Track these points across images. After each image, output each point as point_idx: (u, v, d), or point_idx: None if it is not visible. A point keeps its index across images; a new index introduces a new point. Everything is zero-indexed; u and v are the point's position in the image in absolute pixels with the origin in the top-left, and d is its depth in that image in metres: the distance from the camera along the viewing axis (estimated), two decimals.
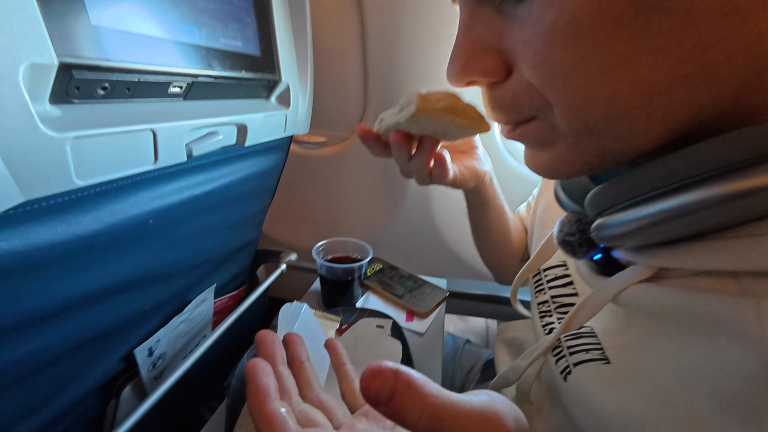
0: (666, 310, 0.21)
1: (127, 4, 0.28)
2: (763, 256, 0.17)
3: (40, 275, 0.29)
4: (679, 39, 0.15)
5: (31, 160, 0.22)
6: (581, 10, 0.16)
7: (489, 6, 0.21)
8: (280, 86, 0.52)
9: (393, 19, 0.66)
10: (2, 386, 0.30)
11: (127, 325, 0.43)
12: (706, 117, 0.18)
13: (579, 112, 0.19)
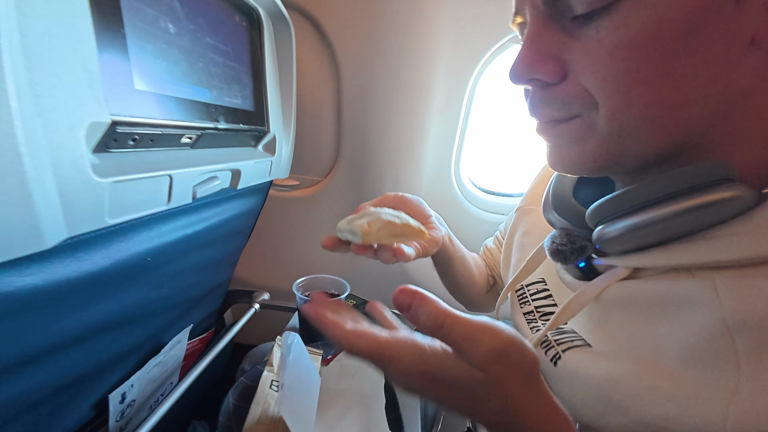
0: (639, 301, 0.29)
1: (160, 72, 0.34)
2: (711, 253, 0.25)
3: (45, 311, 0.30)
4: (695, 72, 0.23)
5: (78, 202, 0.25)
6: (640, 36, 0.23)
7: (555, 24, 0.26)
8: (268, 136, 0.58)
9: (365, 81, 0.76)
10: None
11: (103, 367, 0.42)
12: (687, 140, 0.26)
13: (619, 113, 0.25)
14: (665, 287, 0.27)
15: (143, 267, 0.39)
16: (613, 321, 0.31)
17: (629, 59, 0.23)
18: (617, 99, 0.25)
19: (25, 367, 0.30)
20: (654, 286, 0.28)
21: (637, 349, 0.28)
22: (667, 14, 0.22)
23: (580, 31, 0.25)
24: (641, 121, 0.25)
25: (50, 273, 0.28)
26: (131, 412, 0.50)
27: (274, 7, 0.53)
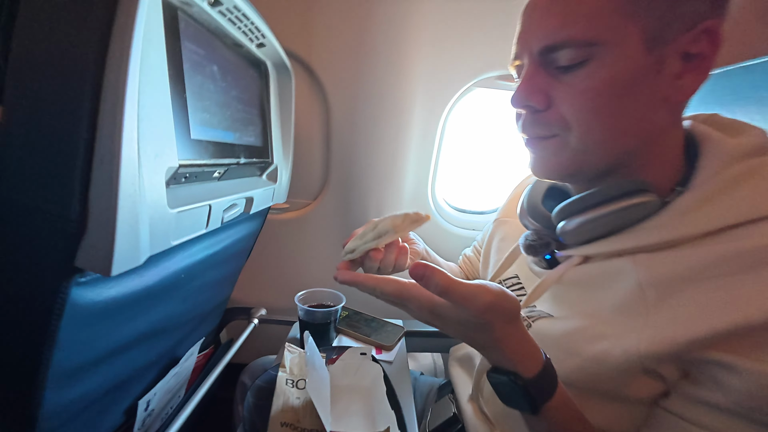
0: (588, 278, 0.40)
1: (205, 122, 0.42)
2: (632, 241, 0.36)
3: (112, 320, 0.36)
4: (640, 114, 0.35)
5: (158, 228, 0.33)
6: (600, 85, 0.34)
7: (544, 69, 0.37)
8: (272, 167, 0.67)
9: (351, 116, 0.87)
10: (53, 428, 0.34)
11: (136, 375, 0.47)
12: (623, 159, 0.38)
13: (585, 135, 0.36)
14: (605, 266, 0.39)
15: (177, 283, 0.46)
16: (570, 295, 0.43)
17: (593, 99, 0.35)
18: (585, 125, 0.36)
19: (90, 369, 0.36)
20: (598, 267, 0.40)
21: (586, 310, 0.40)
22: (617, 74, 0.34)
23: (562, 76, 0.36)
24: (599, 142, 0.37)
25: (122, 287, 0.35)
26: (150, 421, 0.54)
27: (279, 59, 0.63)
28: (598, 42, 0.33)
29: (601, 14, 0.33)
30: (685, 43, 0.33)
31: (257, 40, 0.53)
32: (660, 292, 0.34)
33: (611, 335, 0.35)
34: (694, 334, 0.30)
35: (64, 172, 0.25)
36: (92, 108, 0.25)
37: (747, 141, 0.36)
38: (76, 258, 0.27)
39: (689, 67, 0.34)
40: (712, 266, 0.32)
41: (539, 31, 0.36)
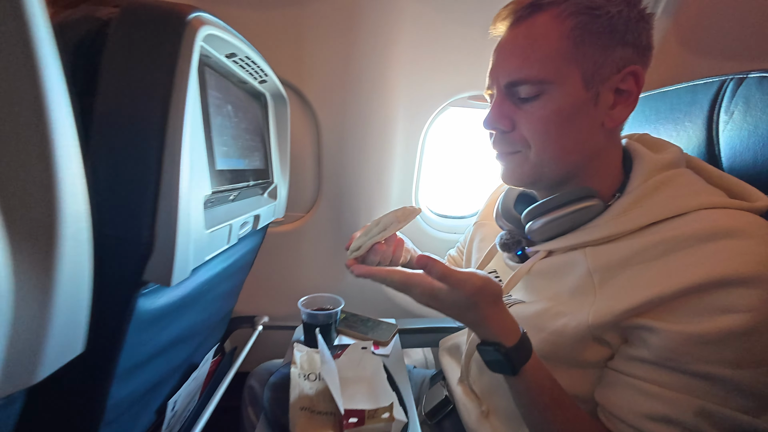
0: (552, 269, 0.49)
1: (225, 154, 0.49)
2: (583, 237, 0.45)
3: (158, 325, 0.42)
4: (583, 136, 0.44)
5: (198, 247, 0.40)
6: (550, 113, 0.43)
7: (509, 99, 0.46)
8: (272, 186, 0.74)
9: (340, 134, 0.95)
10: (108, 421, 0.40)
11: (166, 377, 0.52)
12: (573, 171, 0.47)
13: (541, 152, 0.45)
14: (564, 258, 0.48)
15: (200, 294, 0.52)
16: (537, 283, 0.52)
17: (546, 123, 0.44)
18: (541, 144, 0.46)
19: (138, 369, 0.42)
20: (559, 259, 0.49)
21: (549, 294, 0.49)
22: (563, 106, 0.43)
23: (523, 105, 0.46)
24: (552, 158, 0.46)
25: (167, 298, 0.41)
26: (173, 422, 0.59)
27: (276, 90, 0.70)
28: (548, 81, 0.43)
29: (550, 60, 0.42)
30: (616, 81, 0.43)
31: (260, 77, 0.61)
32: (603, 275, 0.43)
33: (569, 312, 0.44)
34: (626, 305, 0.39)
35: (139, 208, 0.32)
36: (158, 155, 0.32)
37: (665, 157, 0.46)
38: (144, 273, 0.33)
39: (620, 100, 0.44)
40: (639, 254, 0.41)
41: (504, 69, 0.46)
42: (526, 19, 0.44)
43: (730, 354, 0.34)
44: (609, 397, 0.42)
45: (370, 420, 0.46)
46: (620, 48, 0.42)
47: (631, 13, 0.42)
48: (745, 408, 0.34)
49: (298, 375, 0.58)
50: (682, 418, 0.35)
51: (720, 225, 0.37)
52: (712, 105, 0.54)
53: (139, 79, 0.32)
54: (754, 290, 0.33)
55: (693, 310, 0.35)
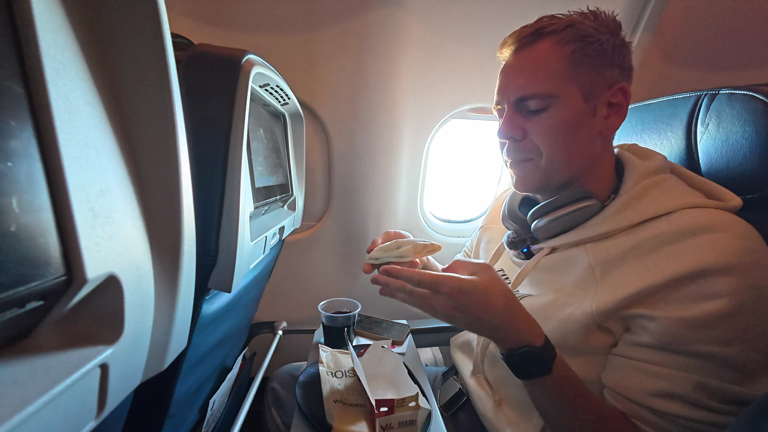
0: (556, 264, 0.54)
1: (260, 173, 0.54)
2: (584, 234, 0.51)
3: (209, 327, 0.47)
4: (585, 143, 0.51)
5: (247, 257, 0.45)
6: (556, 123, 0.49)
7: (519, 111, 0.52)
8: (291, 198, 0.79)
9: (349, 147, 1.01)
10: (171, 414, 0.45)
11: (208, 377, 0.57)
12: (577, 174, 0.53)
13: (551, 158, 0.51)
14: (567, 254, 0.54)
15: (238, 300, 0.57)
16: (543, 277, 0.57)
17: (554, 132, 0.50)
18: (551, 151, 0.51)
19: (193, 368, 0.47)
20: (562, 255, 0.55)
21: (555, 287, 0.54)
22: (568, 117, 0.50)
23: (532, 117, 0.52)
24: (560, 163, 0.52)
25: (219, 303, 0.46)
26: (212, 422, 0.64)
27: (295, 110, 0.76)
28: (554, 95, 0.49)
29: (554, 78, 0.49)
30: (608, 96, 0.50)
31: (283, 101, 0.67)
32: (603, 268, 0.49)
33: (574, 302, 0.50)
34: (624, 294, 0.45)
35: (208, 225, 0.37)
36: (222, 179, 0.38)
37: (652, 164, 0.52)
38: (209, 281, 0.39)
39: (612, 112, 0.51)
40: (633, 249, 0.47)
41: (514, 87, 0.52)
42: (529, 45, 0.52)
43: (717, 334, 0.39)
44: (617, 379, 0.47)
45: (398, 408, 0.51)
46: (610, 68, 0.50)
47: (615, 40, 0.50)
48: (735, 379, 0.39)
49: (326, 372, 0.63)
50: (682, 392, 0.40)
51: (700, 222, 0.43)
52: (690, 117, 0.61)
53: (205, 115, 0.37)
54: (731, 277, 0.38)
55: (682, 298, 0.41)
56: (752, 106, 0.51)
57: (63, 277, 0.17)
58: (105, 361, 0.19)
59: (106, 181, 0.19)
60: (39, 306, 0.16)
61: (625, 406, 0.45)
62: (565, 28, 0.49)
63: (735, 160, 0.53)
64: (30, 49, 0.16)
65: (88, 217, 0.18)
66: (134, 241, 0.21)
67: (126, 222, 0.21)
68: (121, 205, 0.20)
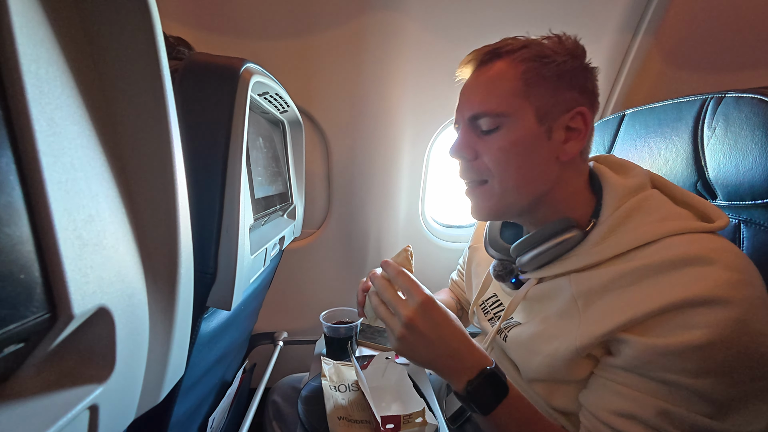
0: (543, 294, 0.53)
1: (259, 184, 0.53)
2: (568, 266, 0.49)
3: (208, 346, 0.46)
4: (540, 168, 0.49)
5: (248, 271, 0.44)
6: (508, 144, 0.48)
7: (472, 131, 0.50)
8: (291, 207, 0.78)
9: (349, 152, 1.00)
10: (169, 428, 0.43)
11: (207, 394, 0.55)
12: (538, 199, 0.51)
13: (503, 181, 0.49)
14: (553, 284, 0.52)
15: (238, 314, 0.56)
16: (532, 306, 0.56)
17: (505, 153, 0.48)
18: (502, 173, 0.49)
19: (191, 388, 0.45)
20: (548, 285, 0.53)
21: (541, 317, 0.52)
22: (519, 138, 0.48)
23: (484, 137, 0.50)
24: (514, 186, 0.49)
25: (218, 320, 0.45)
26: None
27: (294, 117, 0.75)
28: (505, 114, 0.48)
29: (506, 96, 0.47)
30: (566, 120, 0.48)
31: (282, 108, 0.66)
32: (585, 300, 0.47)
33: (559, 336, 0.48)
34: (606, 328, 0.43)
35: (206, 242, 0.35)
36: (221, 192, 0.36)
37: (631, 181, 0.49)
38: (208, 299, 0.37)
39: (571, 136, 0.48)
40: (616, 281, 0.45)
41: (468, 105, 0.51)
42: (486, 63, 0.51)
43: (689, 365, 0.37)
44: (588, 396, 0.46)
45: (405, 425, 0.50)
46: (568, 91, 0.48)
47: (575, 63, 0.48)
48: (706, 412, 0.38)
49: (329, 387, 0.61)
50: (644, 416, 0.39)
51: (687, 253, 0.40)
52: (696, 121, 0.60)
53: (203, 128, 0.36)
54: (712, 310, 0.37)
55: (662, 328, 0.39)
56: (761, 109, 0.50)
57: (47, 314, 0.15)
58: (95, 402, 0.17)
59: (95, 206, 0.18)
60: (19, 348, 0.15)
61: (590, 422, 0.44)
62: (521, 48, 0.48)
63: (744, 164, 0.52)
64: (9, 64, 0.14)
65: (75, 246, 0.16)
66: (127, 267, 0.20)
67: (117, 248, 0.19)
68: (113, 230, 0.19)
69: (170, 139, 0.22)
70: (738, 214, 0.56)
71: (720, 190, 0.56)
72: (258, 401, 0.70)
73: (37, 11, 0.16)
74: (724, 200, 0.56)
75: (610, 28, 0.89)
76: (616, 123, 0.79)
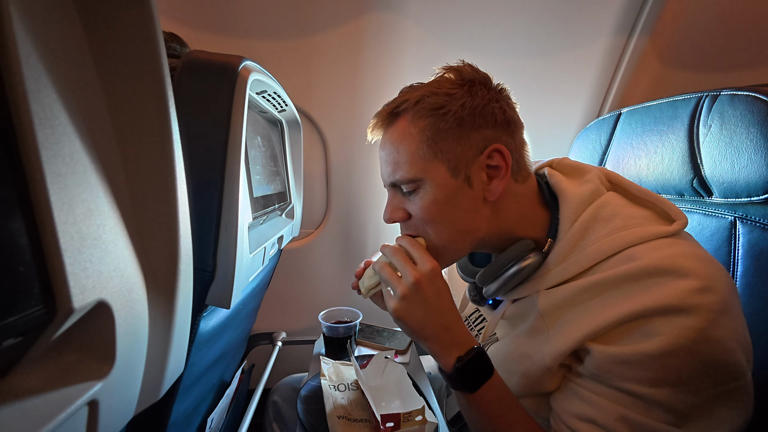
0: (516, 313, 0.53)
1: (257, 183, 0.53)
2: (533, 288, 0.49)
3: (207, 344, 0.45)
4: (470, 215, 0.48)
5: (247, 270, 0.43)
6: (428, 203, 0.46)
7: (399, 193, 0.50)
8: (289, 206, 0.78)
9: (347, 151, 1.00)
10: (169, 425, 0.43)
11: (206, 394, 0.55)
12: (485, 239, 0.50)
13: (437, 237, 0.48)
14: (524, 303, 0.52)
15: (237, 313, 0.55)
16: (508, 324, 0.56)
17: (431, 212, 0.47)
18: (433, 230, 0.49)
19: (190, 388, 0.45)
20: (521, 304, 0.53)
21: (515, 334, 0.52)
22: (438, 195, 0.47)
23: (409, 197, 0.49)
24: (450, 240, 0.49)
25: (217, 318, 0.44)
26: None
27: (292, 117, 0.75)
28: (419, 178, 0.47)
29: (414, 160, 0.47)
30: (483, 160, 0.46)
31: (281, 107, 0.65)
32: (551, 317, 0.47)
33: (530, 354, 0.48)
34: (570, 342, 0.43)
35: (205, 240, 0.35)
36: (220, 190, 0.36)
37: (585, 189, 0.48)
38: (207, 298, 0.37)
39: (493, 174, 0.47)
40: (578, 296, 0.44)
41: (385, 173, 0.51)
42: (390, 125, 0.50)
43: (646, 373, 0.37)
44: (556, 399, 0.46)
45: (405, 423, 0.50)
46: (474, 132, 0.46)
47: (474, 101, 0.46)
48: (666, 420, 0.37)
49: (329, 386, 0.61)
50: (604, 421, 0.40)
51: (645, 264, 0.40)
52: (692, 119, 0.60)
53: (201, 125, 0.36)
54: (671, 318, 0.36)
55: (622, 337, 0.39)
56: (755, 107, 0.51)
57: (46, 308, 0.15)
58: (94, 398, 0.17)
59: (94, 200, 0.18)
60: (18, 342, 0.15)
61: (556, 424, 0.45)
62: (415, 103, 0.46)
63: (740, 162, 0.52)
64: (8, 57, 0.14)
65: (75, 240, 0.16)
66: (126, 262, 0.20)
67: (117, 243, 0.19)
68: (111, 225, 0.19)
69: (170, 135, 0.22)
70: (734, 211, 0.56)
71: (716, 187, 0.57)
72: (257, 401, 0.69)
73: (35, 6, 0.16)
74: (720, 197, 0.57)
75: (606, 29, 0.90)
76: (612, 122, 0.79)
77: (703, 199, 0.60)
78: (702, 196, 0.60)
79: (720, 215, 0.58)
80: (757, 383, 0.40)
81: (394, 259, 0.49)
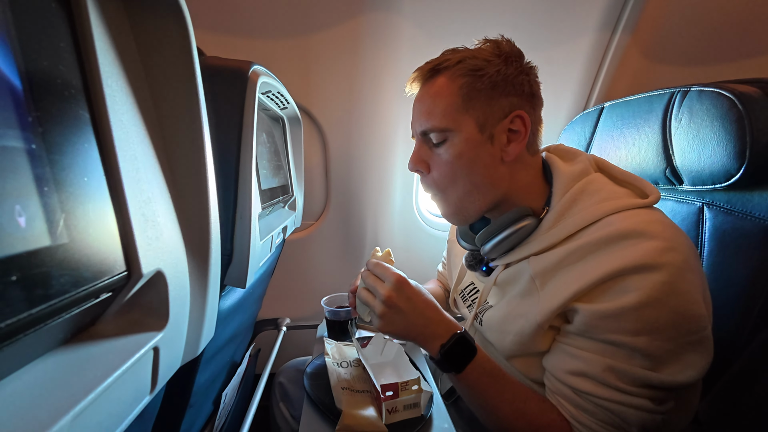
0: (510, 278, 0.58)
1: (264, 176, 0.57)
2: (526, 251, 0.55)
3: (224, 322, 0.50)
4: (488, 171, 0.53)
5: (258, 254, 0.48)
6: (453, 156, 0.52)
7: (425, 144, 0.55)
8: (291, 198, 0.82)
9: (346, 146, 1.04)
10: (191, 404, 0.48)
11: (221, 370, 0.60)
12: (496, 200, 0.56)
13: (453, 193, 0.54)
14: (517, 268, 0.57)
15: (248, 297, 0.60)
16: (502, 290, 0.60)
17: (452, 165, 0.53)
18: (452, 186, 0.54)
19: (209, 361, 0.50)
20: (513, 269, 0.57)
21: (508, 299, 0.57)
22: (462, 149, 0.52)
23: (435, 149, 0.55)
24: (465, 195, 0.54)
25: (232, 299, 0.49)
26: (223, 414, 0.67)
27: (294, 113, 0.79)
28: (449, 129, 0.52)
29: (448, 111, 0.52)
30: (506, 124, 0.52)
31: (283, 105, 0.70)
32: (542, 279, 0.52)
33: (523, 314, 0.53)
34: (559, 301, 0.48)
35: (224, 225, 0.40)
36: (235, 182, 0.41)
37: (576, 168, 0.54)
38: (226, 278, 0.42)
39: (512, 138, 0.53)
40: (566, 258, 0.48)
41: (418, 121, 0.55)
42: (429, 80, 0.55)
43: (627, 325, 0.42)
44: (548, 359, 0.51)
45: (403, 392, 0.55)
46: (504, 98, 0.51)
47: (509, 70, 0.51)
48: (645, 365, 0.43)
49: (332, 363, 0.66)
50: (593, 372, 0.45)
51: (620, 228, 0.45)
52: (665, 113, 0.65)
53: (217, 125, 0.40)
54: (644, 275, 0.42)
55: (603, 295, 0.45)
56: (719, 102, 0.56)
57: (125, 272, 0.20)
58: (156, 345, 0.22)
59: (151, 190, 0.22)
60: (107, 297, 0.20)
61: (551, 383, 0.50)
62: (457, 63, 0.52)
63: (705, 152, 0.57)
64: (94, 84, 0.19)
65: (141, 221, 0.21)
66: (174, 242, 0.24)
67: (167, 225, 0.24)
68: (163, 211, 0.24)
69: (203, 135, 0.26)
70: (702, 197, 0.61)
71: (685, 176, 0.62)
72: (264, 384, 0.75)
73: (107, 36, 0.20)
74: (689, 185, 0.62)
75: (590, 26, 0.94)
76: (596, 115, 0.84)
77: (675, 187, 0.66)
78: (674, 184, 0.65)
79: (690, 201, 0.64)
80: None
81: (367, 282, 0.55)
